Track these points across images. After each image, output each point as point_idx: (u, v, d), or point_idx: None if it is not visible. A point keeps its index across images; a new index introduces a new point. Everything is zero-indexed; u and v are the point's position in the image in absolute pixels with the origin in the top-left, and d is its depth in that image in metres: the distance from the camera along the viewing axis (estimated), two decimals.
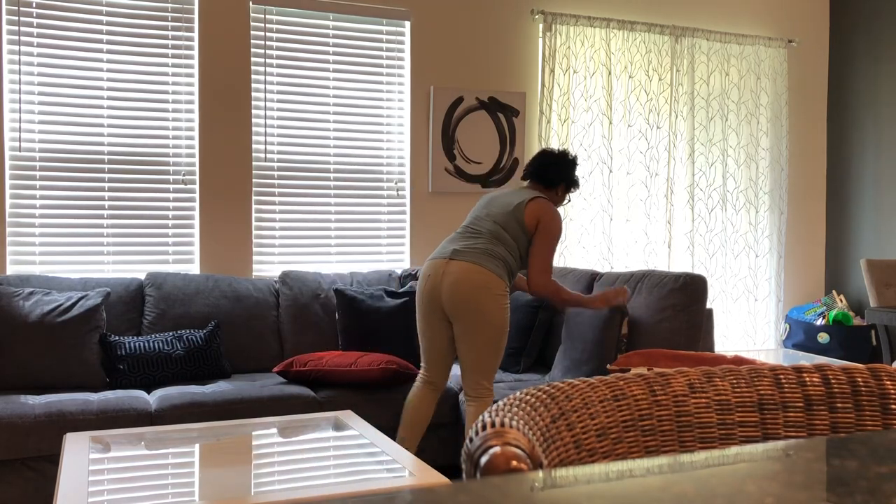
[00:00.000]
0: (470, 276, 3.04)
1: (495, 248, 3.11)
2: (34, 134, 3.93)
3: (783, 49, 5.41)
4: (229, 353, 3.82)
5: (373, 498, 0.63)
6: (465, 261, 3.07)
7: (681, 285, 3.43)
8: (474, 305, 3.04)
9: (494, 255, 3.10)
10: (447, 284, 3.07)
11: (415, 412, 3.24)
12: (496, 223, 3.17)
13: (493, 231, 3.15)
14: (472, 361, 3.11)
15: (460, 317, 3.07)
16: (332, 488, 2.14)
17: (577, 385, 1.14)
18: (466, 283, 3.04)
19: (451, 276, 3.07)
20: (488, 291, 3.05)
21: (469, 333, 3.07)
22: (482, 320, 3.05)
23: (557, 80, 4.84)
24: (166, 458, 2.42)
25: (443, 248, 3.20)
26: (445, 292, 3.08)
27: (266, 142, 4.33)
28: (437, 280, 3.11)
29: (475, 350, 3.09)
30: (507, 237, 3.15)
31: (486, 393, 3.15)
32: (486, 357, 3.10)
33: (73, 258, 4.00)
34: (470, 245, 3.12)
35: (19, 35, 3.89)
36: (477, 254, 3.09)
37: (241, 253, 4.28)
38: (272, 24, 4.33)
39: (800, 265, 5.63)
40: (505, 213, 3.18)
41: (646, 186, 5.05)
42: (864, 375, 1.21)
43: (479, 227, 3.19)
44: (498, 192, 3.34)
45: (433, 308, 3.14)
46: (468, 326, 3.07)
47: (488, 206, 3.26)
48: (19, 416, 3.00)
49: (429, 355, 3.24)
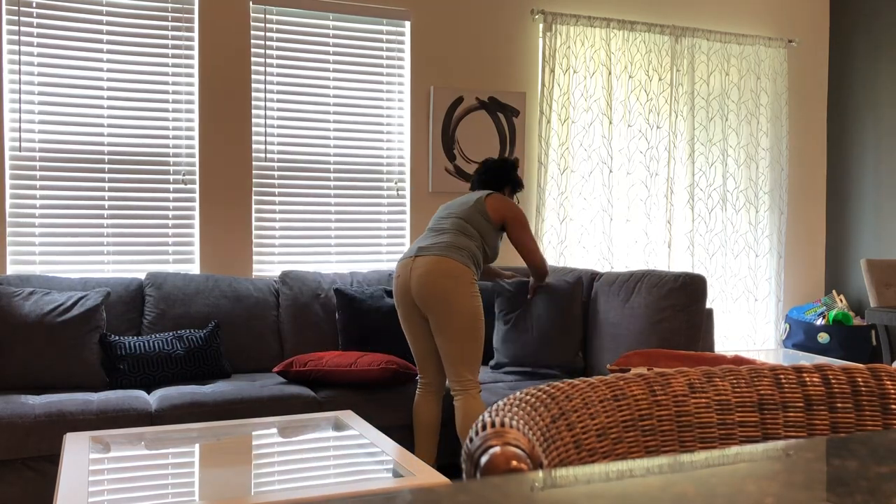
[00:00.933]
0: (435, 267, 3.15)
1: (459, 240, 3.25)
2: (34, 134, 3.93)
3: (783, 49, 5.41)
4: (229, 353, 3.82)
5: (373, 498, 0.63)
6: (429, 255, 3.19)
7: (680, 285, 3.43)
8: (442, 296, 3.14)
9: (459, 245, 3.23)
10: (415, 279, 3.18)
11: (423, 419, 3.33)
12: (459, 218, 3.32)
13: (455, 225, 3.30)
14: (451, 353, 3.18)
15: (431, 309, 3.17)
16: (332, 488, 2.14)
17: (577, 385, 1.14)
18: (432, 274, 3.15)
19: (418, 270, 3.18)
20: (454, 280, 3.15)
21: (443, 324, 3.16)
22: (452, 309, 3.14)
23: (557, 80, 4.84)
24: (166, 458, 2.42)
25: (409, 249, 3.33)
26: (414, 287, 3.18)
27: (266, 141, 4.33)
28: (406, 278, 3.23)
29: (451, 340, 3.17)
30: (471, 229, 3.30)
31: (470, 385, 3.21)
32: (463, 346, 3.17)
33: (73, 258, 4.00)
34: (434, 241, 3.25)
35: (19, 35, 3.89)
36: (441, 247, 3.21)
37: (241, 253, 4.28)
38: (272, 24, 4.33)
39: (800, 265, 5.63)
40: (466, 209, 3.34)
41: (646, 186, 5.05)
42: (864, 375, 1.21)
43: (441, 225, 3.34)
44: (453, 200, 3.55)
45: (408, 306, 3.26)
46: (441, 318, 3.16)
47: (447, 209, 3.43)
48: (19, 416, 3.00)
49: (417, 356, 3.35)
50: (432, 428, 3.30)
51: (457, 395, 3.23)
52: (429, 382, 3.33)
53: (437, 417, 3.31)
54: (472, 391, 3.21)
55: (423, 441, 3.31)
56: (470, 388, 3.21)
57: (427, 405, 3.31)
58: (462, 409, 3.20)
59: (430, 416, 3.30)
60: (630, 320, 3.56)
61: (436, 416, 3.31)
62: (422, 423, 3.31)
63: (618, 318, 3.64)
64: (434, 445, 3.31)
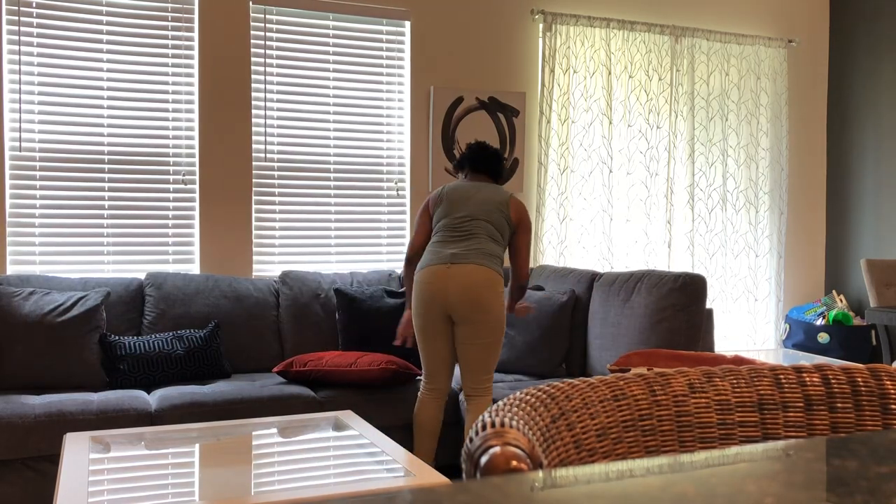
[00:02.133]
0: (478, 277, 3.08)
1: (490, 246, 3.17)
2: (34, 134, 3.93)
3: (783, 49, 5.41)
4: (229, 353, 3.82)
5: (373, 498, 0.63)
6: (469, 263, 3.10)
7: (680, 285, 3.43)
8: (485, 306, 3.09)
9: (492, 253, 3.16)
10: (456, 288, 3.09)
11: (429, 423, 3.28)
12: (487, 222, 3.21)
13: (485, 230, 3.20)
14: (478, 361, 3.15)
15: (469, 319, 3.10)
16: (332, 488, 2.14)
17: (577, 385, 1.14)
18: (476, 285, 3.08)
19: (459, 279, 3.09)
20: (494, 291, 3.11)
21: (477, 334, 3.11)
22: (490, 320, 3.10)
23: (557, 80, 4.84)
24: (166, 458, 2.42)
25: (437, 253, 3.19)
26: (454, 296, 3.09)
27: (266, 142, 4.33)
28: (441, 285, 3.11)
29: (482, 350, 3.13)
30: (497, 234, 3.22)
31: (488, 390, 3.21)
32: (491, 355, 3.16)
33: (73, 258, 4.00)
34: (468, 247, 3.15)
35: (19, 35, 3.89)
36: (478, 255, 3.12)
37: (241, 253, 4.28)
38: (272, 24, 4.33)
39: (800, 265, 5.63)
40: (492, 212, 3.22)
41: (646, 186, 5.05)
42: (864, 375, 1.21)
43: (469, 228, 3.20)
44: (462, 188, 3.30)
45: (437, 314, 3.15)
46: (477, 327, 3.10)
47: (466, 205, 3.24)
48: (19, 416, 3.00)
49: (434, 363, 3.24)
50: (435, 431, 3.29)
51: (471, 398, 3.21)
52: (438, 388, 3.27)
53: (440, 421, 3.30)
54: (488, 396, 3.21)
55: (424, 443, 3.30)
56: (486, 393, 3.20)
57: (433, 410, 3.28)
58: (476, 412, 3.19)
59: (434, 420, 3.28)
60: (630, 320, 3.56)
61: (439, 420, 3.30)
62: (425, 426, 3.28)
63: (618, 318, 3.64)
64: (434, 448, 3.30)
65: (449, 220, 3.25)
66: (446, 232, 3.23)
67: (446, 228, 3.24)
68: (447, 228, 3.23)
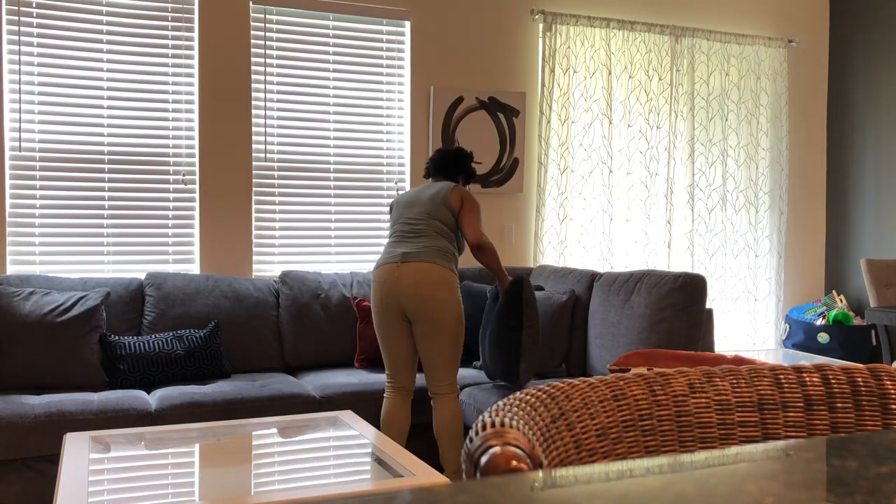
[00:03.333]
0: (428, 276, 3.14)
1: (440, 243, 3.22)
2: (34, 134, 3.93)
3: (783, 49, 5.41)
4: (229, 353, 3.82)
5: (373, 498, 0.63)
6: (418, 261, 3.16)
7: (680, 285, 3.43)
8: (437, 303, 3.14)
9: (442, 249, 3.21)
10: (406, 286, 3.15)
11: (396, 422, 3.29)
12: (431, 217, 3.27)
13: (431, 226, 3.25)
14: (438, 359, 3.20)
15: (423, 316, 3.15)
16: (332, 488, 2.14)
17: (577, 385, 1.14)
18: (425, 283, 3.13)
19: (408, 277, 3.15)
20: (446, 287, 3.16)
21: (433, 331, 3.16)
22: (444, 317, 3.15)
23: (557, 80, 4.84)
24: (166, 458, 2.42)
25: (389, 252, 3.26)
26: (405, 294, 3.15)
27: (266, 142, 4.33)
28: (393, 284, 3.18)
29: (440, 346, 3.18)
30: (443, 227, 3.26)
31: (450, 388, 3.25)
32: (450, 352, 3.21)
33: (73, 258, 4.00)
34: (418, 245, 3.21)
35: (19, 35, 3.89)
36: (427, 252, 3.18)
37: (241, 253, 4.28)
38: (272, 24, 4.33)
39: (800, 265, 5.63)
40: (434, 204, 3.29)
41: (646, 186, 5.05)
42: (864, 375, 1.21)
43: (416, 226, 3.27)
44: (411, 192, 3.41)
45: (392, 312, 3.21)
46: (432, 325, 3.16)
47: (413, 205, 3.33)
48: (19, 416, 3.00)
49: (394, 361, 3.29)
50: (404, 430, 3.30)
51: (436, 396, 3.25)
52: (402, 386, 3.31)
53: (407, 420, 3.32)
54: (452, 393, 3.25)
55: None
56: (450, 391, 3.25)
57: (401, 409, 3.29)
58: (442, 409, 3.23)
59: (403, 420, 3.29)
60: (630, 320, 3.56)
61: (406, 420, 3.31)
62: (394, 427, 3.28)
63: (618, 318, 3.64)
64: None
65: (401, 222, 3.33)
66: (398, 233, 3.31)
67: (398, 230, 3.32)
68: (398, 229, 3.32)
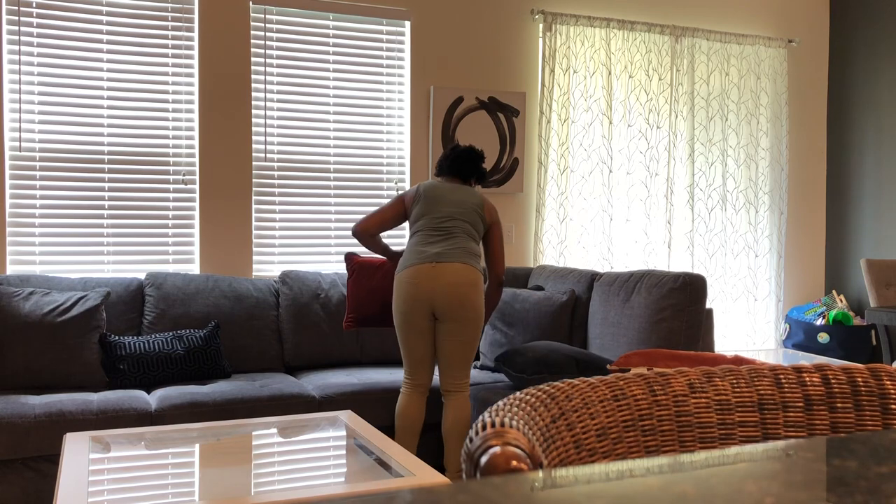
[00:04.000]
0: (464, 277, 3.18)
1: (471, 245, 3.28)
2: (34, 134, 3.93)
3: (783, 49, 5.41)
4: (229, 353, 3.82)
5: (373, 498, 0.63)
6: (454, 262, 3.19)
7: (680, 285, 3.43)
8: (470, 303, 3.18)
9: (473, 252, 3.27)
10: (443, 286, 3.16)
11: (411, 419, 3.32)
12: (465, 222, 3.31)
13: (464, 230, 3.29)
14: (458, 357, 3.24)
15: (454, 316, 3.18)
16: (332, 488, 2.14)
17: (577, 385, 1.14)
18: (462, 284, 3.17)
19: (445, 277, 3.17)
20: (478, 289, 3.22)
21: (460, 330, 3.20)
22: (473, 316, 3.21)
23: (557, 80, 4.84)
24: (166, 458, 2.42)
25: (420, 252, 3.25)
26: (441, 295, 3.17)
27: (266, 141, 4.33)
28: (428, 284, 3.18)
29: (463, 345, 3.22)
30: (475, 234, 3.33)
31: (465, 386, 3.29)
32: (471, 351, 3.27)
33: (73, 258, 4.00)
34: (451, 246, 3.23)
35: (19, 35, 3.89)
36: (461, 254, 3.22)
37: (241, 253, 4.28)
38: (272, 24, 4.33)
39: (800, 265, 5.63)
40: (469, 212, 3.32)
41: (646, 186, 5.05)
42: (864, 375, 1.21)
43: (447, 226, 3.29)
44: (438, 188, 3.36)
45: (421, 312, 3.22)
46: (460, 324, 3.19)
47: (442, 204, 3.31)
48: (19, 416, 3.00)
49: (416, 360, 3.30)
50: (417, 429, 3.33)
51: (449, 394, 3.27)
52: (420, 384, 3.33)
53: (422, 417, 3.35)
54: (465, 392, 3.29)
55: (405, 440, 3.33)
56: (464, 389, 3.28)
57: (416, 406, 3.32)
58: (454, 408, 3.26)
59: (417, 418, 3.32)
60: (630, 320, 3.56)
61: (421, 416, 3.34)
62: (409, 423, 3.31)
63: (618, 318, 3.64)
64: (415, 445, 3.34)
65: (428, 219, 3.31)
66: (427, 231, 3.30)
67: (427, 228, 3.30)
68: (428, 228, 3.30)
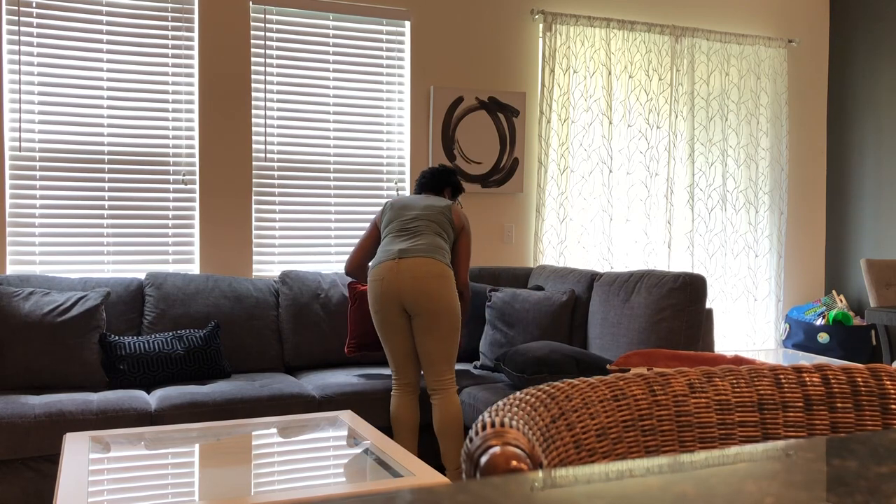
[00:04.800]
0: (427, 269, 3.19)
1: (438, 241, 3.30)
2: (34, 134, 3.93)
3: (783, 49, 5.41)
4: (229, 353, 3.82)
5: (373, 498, 0.63)
6: (416, 256, 3.22)
7: (680, 285, 3.43)
8: (436, 295, 3.19)
9: (439, 247, 3.29)
10: (407, 280, 3.19)
11: (405, 420, 3.34)
12: (431, 221, 3.36)
13: (431, 228, 3.34)
14: (437, 352, 3.24)
15: (422, 309, 3.19)
16: (332, 488, 2.14)
17: (577, 385, 1.14)
18: (426, 276, 3.18)
19: (409, 271, 3.20)
20: (445, 281, 3.22)
21: (432, 324, 3.21)
22: (442, 309, 3.20)
23: (557, 80, 4.84)
24: (166, 458, 2.42)
25: (385, 251, 3.32)
26: (406, 289, 3.19)
27: (266, 141, 4.33)
28: (392, 279, 3.22)
29: (439, 339, 3.22)
30: (443, 233, 3.36)
31: (450, 383, 3.28)
32: (449, 345, 3.25)
33: (73, 258, 4.00)
34: (414, 243, 3.27)
35: (19, 35, 3.89)
36: (425, 248, 3.25)
37: (241, 253, 4.28)
38: (272, 24, 4.33)
39: (800, 265, 5.63)
40: (436, 213, 3.39)
41: (646, 186, 5.05)
42: (864, 375, 1.21)
43: (413, 226, 3.34)
44: (406, 198, 3.51)
45: (392, 308, 3.25)
46: (431, 318, 3.20)
47: (409, 209, 3.42)
48: (19, 416, 3.00)
49: (398, 357, 3.33)
50: (414, 428, 3.34)
51: (435, 393, 3.28)
52: (408, 382, 3.35)
53: (417, 417, 3.36)
54: (451, 389, 3.29)
55: (405, 440, 3.34)
56: (449, 387, 3.28)
57: (408, 406, 3.34)
58: (442, 407, 3.26)
59: (411, 417, 3.34)
60: (630, 320, 3.56)
61: (416, 416, 3.36)
62: (404, 423, 3.33)
63: (618, 318, 3.64)
64: (415, 444, 3.34)
65: (396, 223, 3.40)
66: (394, 232, 3.38)
67: (394, 230, 3.39)
68: (395, 229, 3.38)
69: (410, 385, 3.35)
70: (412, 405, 3.34)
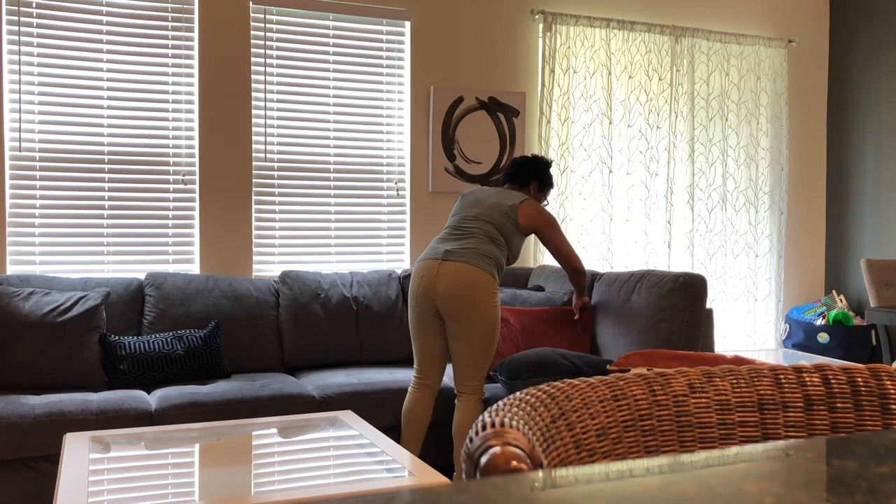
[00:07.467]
0: (464, 275, 3.14)
1: (486, 247, 3.22)
2: (34, 134, 3.93)
3: (783, 49, 5.41)
4: (229, 353, 3.82)
5: (373, 498, 0.63)
6: (457, 261, 3.17)
7: (680, 285, 3.43)
8: (469, 304, 3.13)
9: (486, 253, 3.21)
10: (443, 285, 3.15)
11: (416, 418, 3.31)
12: (488, 223, 3.28)
13: (484, 230, 3.26)
14: (466, 358, 3.19)
15: (455, 316, 3.15)
16: (332, 488, 2.14)
17: (577, 385, 1.14)
18: (461, 282, 3.13)
19: (446, 276, 3.15)
20: (482, 290, 3.15)
21: (464, 331, 3.15)
22: (477, 318, 3.14)
23: (557, 80, 4.84)
24: (166, 458, 2.42)
25: (433, 248, 3.28)
26: (441, 292, 3.16)
27: (266, 141, 4.33)
28: (431, 280, 3.19)
29: (470, 347, 3.17)
30: (498, 236, 3.27)
31: (476, 389, 3.24)
32: (480, 353, 3.19)
33: (73, 258, 4.00)
34: (461, 245, 3.22)
35: (19, 35, 3.89)
36: (468, 253, 3.19)
37: (241, 253, 4.28)
38: (272, 24, 4.33)
39: (800, 265, 5.63)
40: (499, 214, 3.30)
41: (646, 186, 5.05)
42: (864, 375, 1.21)
43: (468, 227, 3.29)
44: (480, 192, 3.43)
45: (427, 308, 3.22)
46: (463, 325, 3.15)
47: (475, 206, 3.36)
48: (19, 416, 3.00)
49: (424, 357, 3.30)
50: (424, 426, 3.31)
51: (461, 395, 3.24)
52: (428, 382, 3.31)
53: (428, 416, 3.32)
54: (475, 395, 3.23)
55: (411, 438, 3.31)
56: (476, 392, 3.23)
57: (423, 404, 3.30)
58: (463, 410, 3.22)
59: (424, 415, 3.30)
60: (630, 320, 3.56)
61: (427, 415, 3.32)
62: (415, 420, 3.30)
63: (618, 319, 3.64)
64: (420, 444, 3.32)
65: (456, 218, 3.37)
66: (448, 230, 3.35)
67: (450, 227, 3.36)
68: (451, 227, 3.35)
69: (429, 387, 3.31)
70: (427, 405, 3.31)
